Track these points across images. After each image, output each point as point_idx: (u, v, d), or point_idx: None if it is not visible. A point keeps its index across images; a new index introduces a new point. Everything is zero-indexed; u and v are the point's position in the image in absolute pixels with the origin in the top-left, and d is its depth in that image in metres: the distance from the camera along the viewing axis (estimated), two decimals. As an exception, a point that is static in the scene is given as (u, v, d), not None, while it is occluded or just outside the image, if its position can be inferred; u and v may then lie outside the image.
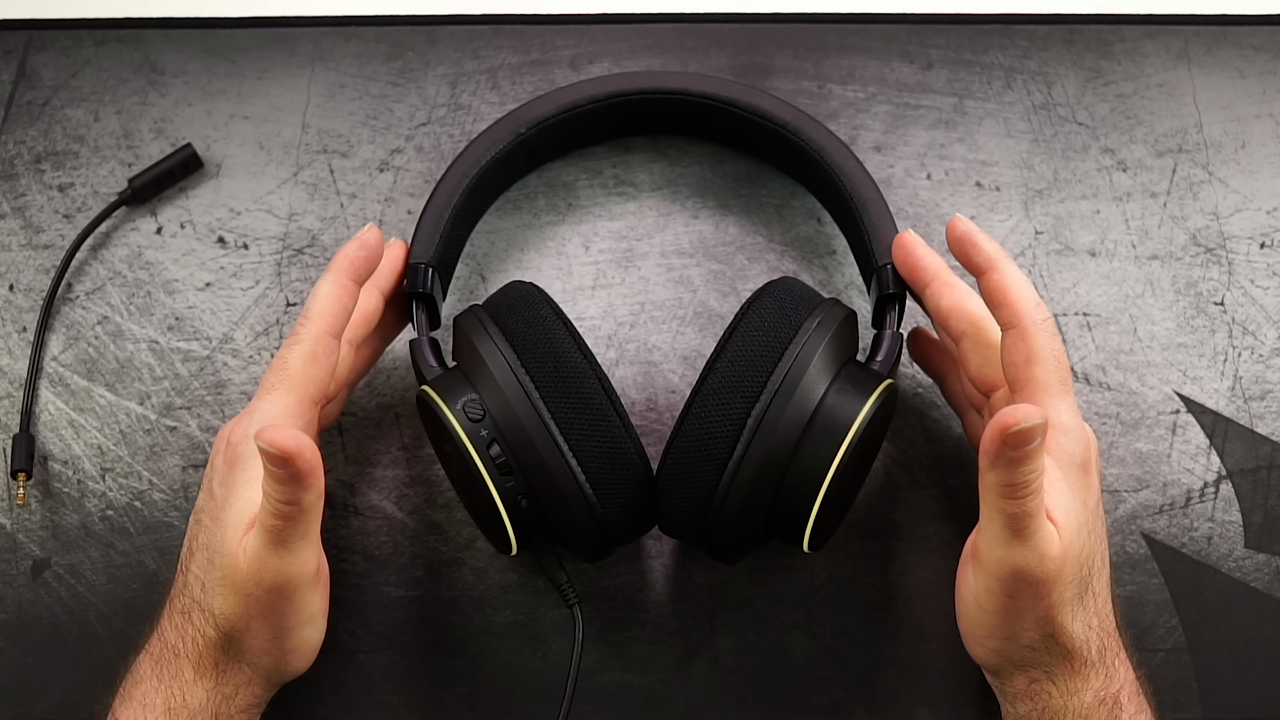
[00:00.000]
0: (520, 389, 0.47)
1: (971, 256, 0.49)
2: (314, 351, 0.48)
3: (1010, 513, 0.44)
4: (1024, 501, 0.44)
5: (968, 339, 0.51)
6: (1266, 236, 0.61)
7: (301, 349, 0.48)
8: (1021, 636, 0.47)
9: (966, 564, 0.48)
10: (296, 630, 0.48)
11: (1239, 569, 0.56)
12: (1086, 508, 0.47)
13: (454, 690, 0.55)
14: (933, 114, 0.63)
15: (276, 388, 0.48)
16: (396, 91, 0.64)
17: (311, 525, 0.45)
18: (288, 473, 0.43)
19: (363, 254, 0.50)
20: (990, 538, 0.45)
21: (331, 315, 0.49)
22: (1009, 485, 0.43)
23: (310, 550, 0.46)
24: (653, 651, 0.55)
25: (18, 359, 0.59)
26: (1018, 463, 0.43)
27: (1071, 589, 0.46)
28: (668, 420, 0.58)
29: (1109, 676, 0.48)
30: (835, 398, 0.47)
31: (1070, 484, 0.47)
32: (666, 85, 0.58)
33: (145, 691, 0.47)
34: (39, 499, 0.57)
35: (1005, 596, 0.46)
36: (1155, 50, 0.64)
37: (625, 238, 0.61)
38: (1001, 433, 0.42)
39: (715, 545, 0.49)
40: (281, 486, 0.43)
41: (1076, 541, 0.46)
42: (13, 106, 0.63)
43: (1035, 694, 0.48)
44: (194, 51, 0.65)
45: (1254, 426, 0.58)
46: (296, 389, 0.48)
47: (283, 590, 0.46)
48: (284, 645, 0.48)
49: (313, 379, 0.48)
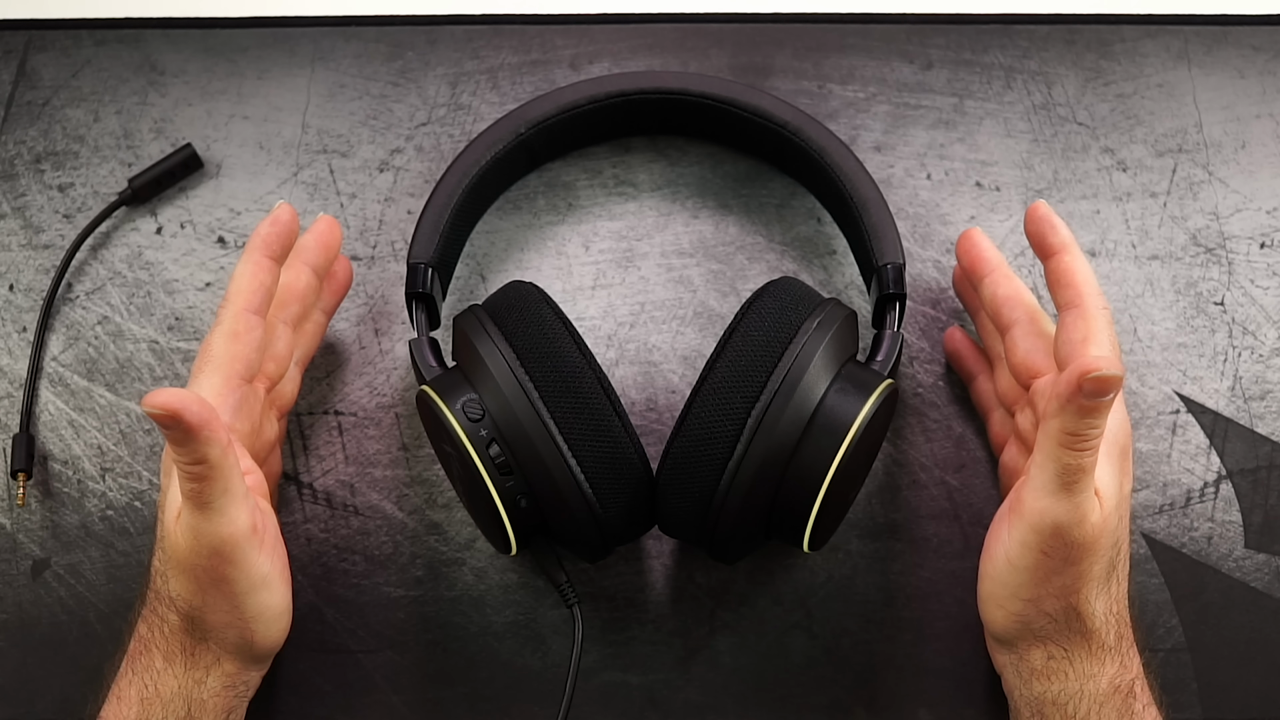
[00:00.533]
0: (520, 389, 0.47)
1: (1048, 237, 0.51)
2: (234, 329, 0.49)
3: (1065, 463, 0.44)
4: (1081, 455, 0.44)
5: (1019, 326, 0.52)
6: (1266, 236, 0.61)
7: (222, 329, 0.49)
8: (1044, 601, 0.47)
9: (1002, 520, 0.49)
10: (250, 595, 0.47)
11: (1239, 569, 0.56)
12: (1122, 490, 0.48)
13: (454, 690, 0.55)
14: (933, 114, 0.63)
15: (202, 370, 0.49)
16: (396, 91, 0.64)
17: (229, 481, 0.45)
18: (181, 431, 0.43)
19: (275, 230, 0.51)
20: (1038, 486, 0.46)
21: (248, 292, 0.50)
22: (1072, 434, 0.44)
23: (238, 508, 0.46)
24: (653, 651, 0.55)
25: (18, 359, 0.59)
26: (1087, 412, 0.43)
27: (1101, 564, 0.47)
28: (668, 420, 0.58)
29: (1124, 665, 0.48)
30: (835, 398, 0.47)
31: (1113, 464, 0.47)
32: (666, 85, 0.58)
33: (122, 686, 0.48)
34: (39, 499, 0.57)
35: (1039, 552, 0.46)
36: (1155, 50, 0.64)
37: (625, 238, 0.61)
38: (1080, 376, 0.43)
39: (715, 545, 0.49)
40: (181, 448, 0.43)
41: (1114, 518, 0.46)
42: (13, 106, 0.63)
43: (1052, 673, 0.48)
44: (194, 51, 0.65)
45: (1254, 426, 0.58)
46: (222, 368, 0.49)
47: (221, 553, 0.46)
48: (242, 614, 0.47)
49: (237, 355, 0.49)
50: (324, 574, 0.56)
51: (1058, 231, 0.51)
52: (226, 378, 0.49)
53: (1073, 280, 0.50)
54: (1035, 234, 0.52)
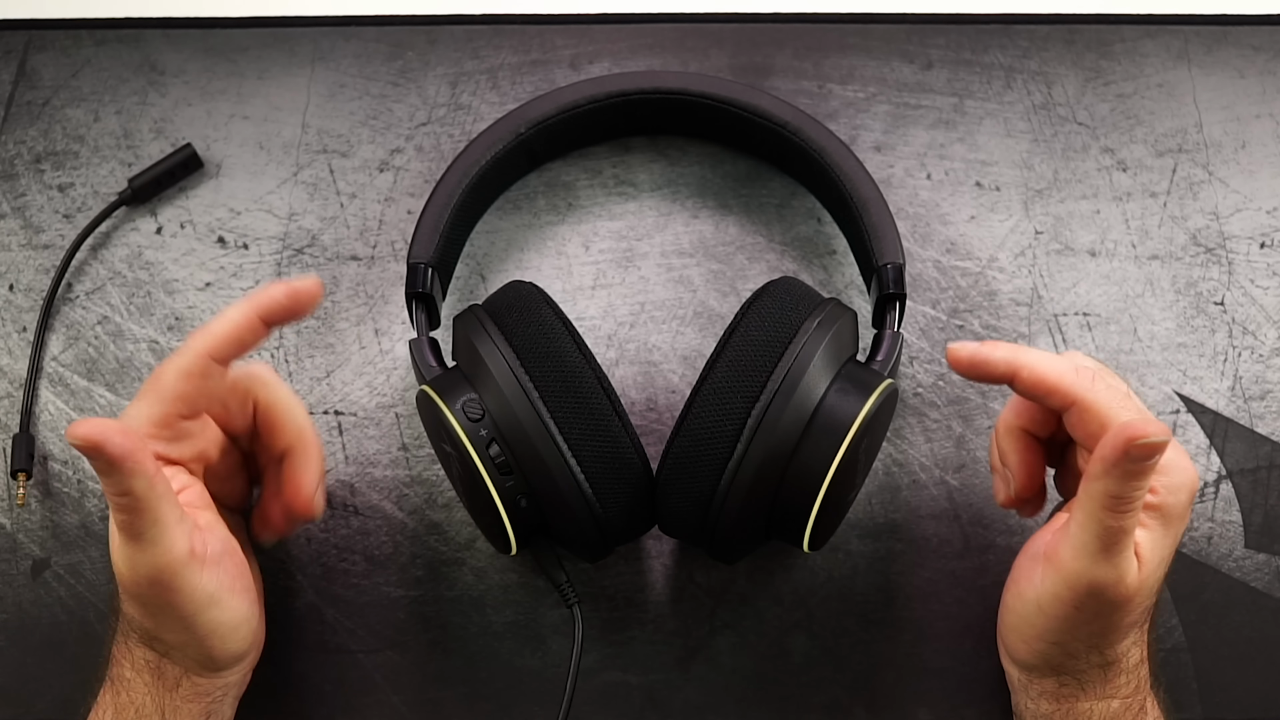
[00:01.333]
0: (520, 389, 0.47)
1: (992, 370, 0.47)
2: (190, 369, 0.46)
3: (1108, 525, 0.43)
4: (1124, 517, 0.43)
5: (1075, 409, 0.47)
6: (1266, 236, 0.61)
7: (179, 362, 0.46)
8: (1071, 646, 0.47)
9: (1037, 563, 0.47)
10: (200, 615, 0.46)
11: (1239, 569, 0.56)
12: (1165, 550, 0.46)
13: (454, 690, 0.55)
14: (933, 114, 0.63)
15: (145, 396, 0.46)
16: (396, 91, 0.64)
17: (158, 511, 0.43)
18: (104, 462, 0.41)
19: (288, 303, 0.47)
20: (1079, 547, 0.44)
21: (225, 341, 0.46)
22: (1116, 498, 0.42)
23: (171, 535, 0.44)
24: (653, 651, 0.55)
25: (18, 359, 0.59)
26: (1132, 476, 0.42)
27: (1135, 615, 0.46)
28: (668, 420, 0.58)
29: (1138, 686, 0.48)
30: (835, 397, 0.47)
31: (1167, 523, 0.46)
32: (666, 85, 0.58)
33: (102, 701, 0.49)
34: (39, 499, 0.57)
35: (1072, 607, 0.45)
36: (1155, 50, 0.64)
37: (625, 238, 0.61)
38: (1127, 441, 0.41)
39: (715, 545, 0.49)
40: (106, 479, 0.42)
41: (1154, 576, 0.45)
42: (13, 106, 0.63)
43: (1063, 696, 0.48)
44: (194, 51, 0.65)
45: (1254, 426, 0.58)
46: (164, 402, 0.46)
47: (160, 581, 0.44)
48: (196, 633, 0.46)
49: (182, 395, 0.46)
50: (324, 574, 0.56)
51: (995, 360, 0.46)
52: (165, 413, 0.46)
53: (1046, 386, 0.46)
54: (977, 377, 0.48)
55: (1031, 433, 0.49)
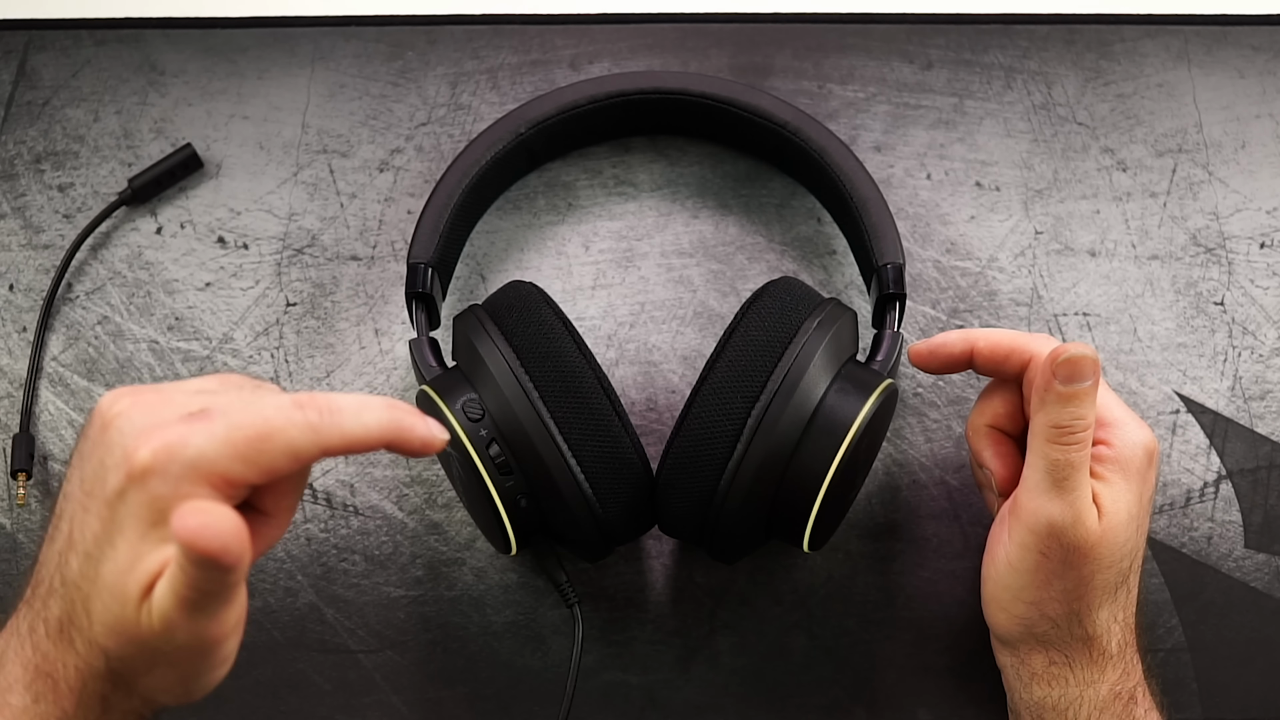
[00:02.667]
0: (520, 389, 0.47)
1: (951, 353, 0.49)
2: (302, 455, 0.37)
3: (1054, 459, 0.44)
4: (1069, 449, 0.44)
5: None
6: (1266, 236, 0.61)
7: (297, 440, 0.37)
8: (1047, 605, 0.47)
9: (1003, 521, 0.49)
10: (208, 673, 0.40)
11: (1239, 569, 0.56)
12: (1132, 508, 0.47)
13: (454, 690, 0.55)
14: (933, 114, 0.63)
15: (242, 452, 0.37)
16: (396, 91, 0.64)
17: (237, 591, 0.38)
18: (211, 567, 0.35)
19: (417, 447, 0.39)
20: (1031, 486, 0.46)
21: (344, 447, 0.38)
22: (1056, 427, 0.44)
23: (233, 610, 0.38)
24: (653, 651, 0.55)
25: (18, 359, 0.59)
26: (1066, 401, 0.43)
27: (1109, 575, 0.46)
28: (668, 420, 0.58)
29: (1126, 672, 0.48)
30: (835, 398, 0.47)
31: (1127, 481, 0.47)
32: (666, 85, 0.58)
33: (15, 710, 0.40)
34: (39, 499, 0.57)
35: (1038, 554, 0.46)
36: (1155, 50, 0.64)
37: (625, 238, 0.61)
38: (1051, 361, 0.42)
39: (715, 545, 0.49)
40: (202, 573, 0.36)
41: (1122, 531, 0.46)
42: (13, 106, 0.63)
43: (1053, 678, 0.48)
44: (194, 51, 0.65)
45: (1254, 426, 0.58)
46: (253, 471, 0.37)
47: (198, 649, 0.39)
48: (189, 687, 0.41)
49: (273, 471, 0.37)
50: (324, 574, 0.56)
51: (950, 345, 0.49)
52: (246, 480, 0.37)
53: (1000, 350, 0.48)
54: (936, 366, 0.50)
55: (1001, 429, 0.51)
